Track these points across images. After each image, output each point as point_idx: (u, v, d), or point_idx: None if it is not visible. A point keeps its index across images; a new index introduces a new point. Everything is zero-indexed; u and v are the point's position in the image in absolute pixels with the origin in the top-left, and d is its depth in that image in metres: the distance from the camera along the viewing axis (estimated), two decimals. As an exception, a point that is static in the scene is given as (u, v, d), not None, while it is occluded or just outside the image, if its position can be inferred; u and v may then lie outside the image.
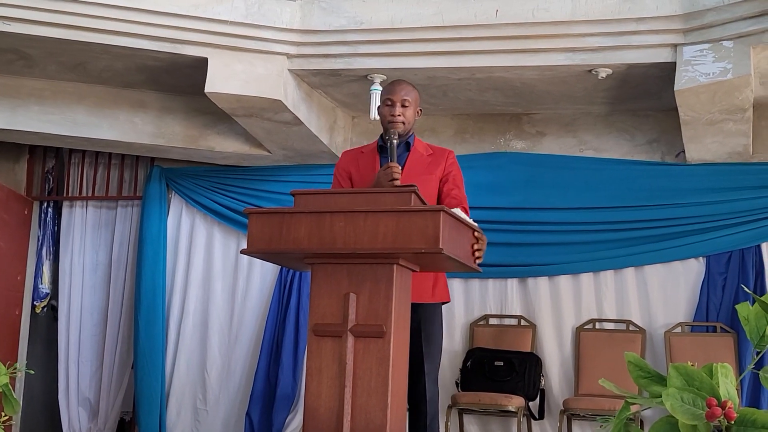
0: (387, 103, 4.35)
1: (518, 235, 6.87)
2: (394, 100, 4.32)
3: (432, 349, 4.20)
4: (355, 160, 4.45)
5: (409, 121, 4.35)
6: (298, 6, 5.96)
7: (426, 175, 4.30)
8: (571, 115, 7.00)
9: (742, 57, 5.30)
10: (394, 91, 4.36)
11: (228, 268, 7.53)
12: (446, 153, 4.45)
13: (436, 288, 4.27)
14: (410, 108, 4.35)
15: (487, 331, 6.92)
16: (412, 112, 4.36)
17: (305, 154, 7.16)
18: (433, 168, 4.35)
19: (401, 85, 4.41)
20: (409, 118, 4.35)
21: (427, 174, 4.31)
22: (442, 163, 4.38)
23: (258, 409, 7.11)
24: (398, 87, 4.38)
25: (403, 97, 4.32)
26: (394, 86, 4.41)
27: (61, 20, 5.76)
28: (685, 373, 2.36)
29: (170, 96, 7.04)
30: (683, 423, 2.29)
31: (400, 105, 4.31)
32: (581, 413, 6.34)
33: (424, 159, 4.37)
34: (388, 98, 4.35)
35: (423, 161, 4.36)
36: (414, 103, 4.38)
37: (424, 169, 4.32)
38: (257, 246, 3.70)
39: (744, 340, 6.26)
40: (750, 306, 2.59)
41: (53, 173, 8.09)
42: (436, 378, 4.22)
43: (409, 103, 4.34)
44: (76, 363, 7.71)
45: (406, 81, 4.57)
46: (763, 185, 6.52)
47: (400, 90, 4.36)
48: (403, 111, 4.32)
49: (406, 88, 4.39)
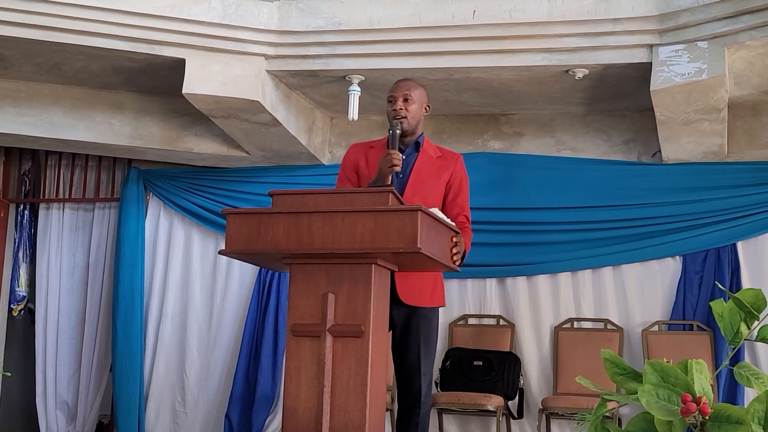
0: (390, 99, 4.32)
1: (496, 235, 6.89)
2: (396, 96, 4.29)
3: (429, 352, 4.22)
4: (364, 154, 4.40)
5: (414, 115, 4.29)
6: (275, 7, 5.96)
7: (434, 179, 4.28)
8: (549, 115, 7.04)
9: (717, 57, 5.34)
10: (397, 87, 4.34)
11: (206, 269, 7.52)
12: (455, 157, 4.41)
13: (435, 292, 4.27)
14: (414, 103, 4.29)
15: (466, 331, 6.94)
16: (416, 107, 4.30)
17: (283, 155, 7.15)
18: (442, 171, 4.31)
19: (403, 82, 4.38)
20: (413, 113, 4.29)
21: (435, 177, 4.28)
22: (451, 167, 4.34)
23: (237, 411, 7.09)
24: (400, 84, 4.36)
25: (405, 92, 4.29)
26: (397, 84, 4.38)
27: (36, 21, 5.73)
28: (661, 369, 2.38)
29: (147, 97, 7.02)
30: (659, 419, 2.31)
31: (402, 99, 4.27)
32: (560, 412, 6.37)
33: (434, 161, 4.33)
34: (391, 95, 4.32)
35: (432, 164, 4.32)
36: (418, 99, 4.32)
37: (434, 172, 4.30)
38: (235, 247, 3.69)
39: (720, 339, 6.30)
40: (724, 303, 2.62)
41: (29, 175, 8.04)
42: (431, 381, 4.25)
43: (412, 98, 4.29)
44: (54, 366, 7.67)
45: (411, 79, 4.54)
46: (739, 184, 6.57)
47: (402, 86, 4.33)
48: (405, 105, 4.27)
49: (408, 84, 4.36)
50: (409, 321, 4.16)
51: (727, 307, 2.58)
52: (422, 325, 4.19)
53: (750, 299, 2.53)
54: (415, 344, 4.15)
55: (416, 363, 4.15)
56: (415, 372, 4.15)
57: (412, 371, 4.15)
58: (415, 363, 4.15)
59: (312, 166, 7.32)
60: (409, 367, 4.15)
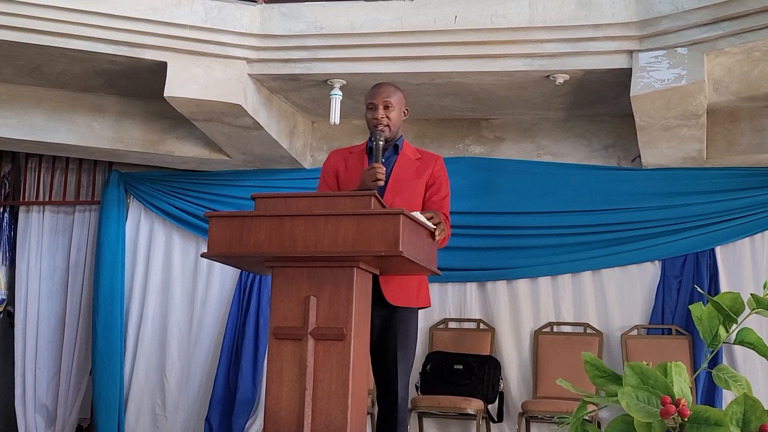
0: (369, 107, 4.32)
1: (477, 239, 6.92)
2: (376, 104, 4.30)
3: (407, 354, 4.21)
4: (343, 160, 4.42)
5: (394, 122, 4.31)
6: (257, 10, 5.96)
7: (414, 180, 4.30)
8: (529, 120, 7.07)
9: (696, 63, 5.39)
10: (375, 94, 4.33)
11: (187, 273, 7.50)
12: (435, 158, 4.43)
13: (420, 292, 4.27)
14: (394, 109, 4.31)
15: (446, 335, 6.96)
16: (396, 114, 4.32)
17: (265, 159, 7.16)
18: (421, 172, 4.33)
19: (382, 88, 4.37)
20: (394, 120, 4.31)
21: (415, 178, 4.30)
22: (430, 168, 4.36)
23: (217, 414, 7.08)
24: (379, 90, 4.35)
25: (385, 99, 4.30)
26: (375, 89, 4.38)
27: (17, 23, 5.71)
28: (640, 371, 2.40)
29: (129, 100, 7.00)
30: (638, 421, 2.33)
31: (383, 107, 4.29)
32: (540, 415, 6.40)
33: (413, 163, 4.35)
34: (370, 102, 4.32)
35: (411, 165, 4.34)
36: (398, 104, 4.34)
37: (413, 174, 4.31)
38: (217, 249, 3.70)
39: (699, 343, 6.35)
40: (703, 306, 2.64)
41: (9, 178, 8.00)
42: (407, 383, 4.24)
43: (392, 104, 4.30)
44: (33, 369, 7.63)
45: (388, 83, 4.53)
46: (717, 190, 6.63)
47: (381, 92, 4.33)
48: (386, 112, 4.28)
49: (388, 90, 4.36)
50: (387, 323, 4.15)
51: (706, 310, 2.61)
52: (400, 328, 4.19)
53: (728, 302, 2.56)
54: (392, 347, 4.15)
55: (393, 366, 4.14)
56: (392, 375, 4.14)
57: (389, 374, 4.14)
58: (393, 366, 4.14)
59: (293, 170, 7.32)
60: (386, 370, 4.15)
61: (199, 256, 5.90)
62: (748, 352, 6.13)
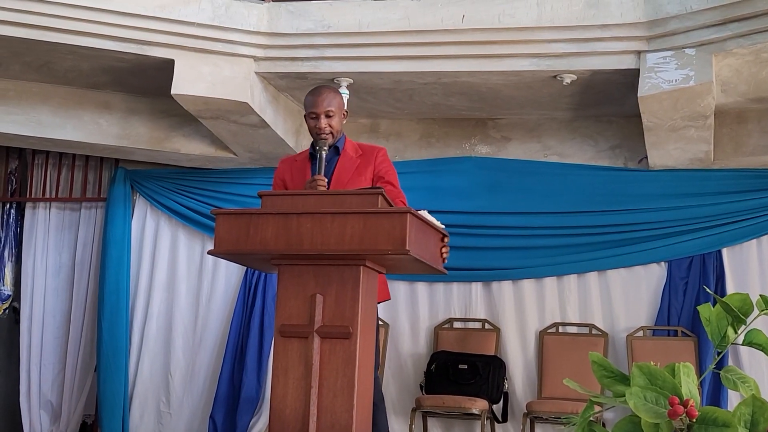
0: (311, 116, 4.34)
1: (483, 239, 6.91)
2: (318, 113, 4.32)
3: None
4: (289, 169, 4.50)
5: (337, 129, 4.36)
6: (265, 9, 5.96)
7: (356, 177, 4.33)
8: (536, 120, 7.06)
9: (705, 64, 5.38)
10: (316, 103, 4.33)
11: (192, 270, 7.51)
12: (375, 151, 4.46)
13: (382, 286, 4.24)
14: (335, 116, 4.34)
15: (451, 335, 6.95)
16: (337, 120, 4.36)
17: (271, 157, 7.15)
18: (363, 169, 4.36)
19: (322, 96, 4.36)
20: (336, 126, 4.35)
21: (357, 176, 4.33)
22: (371, 162, 4.39)
23: (222, 412, 7.08)
24: (319, 99, 4.35)
25: (326, 108, 4.32)
26: (315, 98, 4.36)
27: (26, 20, 5.72)
28: (648, 372, 2.40)
29: (136, 97, 7.01)
30: (646, 421, 2.32)
31: (325, 116, 4.31)
32: (544, 416, 6.39)
33: (354, 161, 4.38)
34: (312, 111, 4.34)
35: (352, 164, 4.37)
36: (338, 110, 4.37)
37: (354, 172, 4.35)
38: (224, 247, 3.69)
39: (704, 344, 6.35)
40: (711, 307, 2.64)
41: (16, 174, 8.01)
42: (380, 384, 4.20)
43: (333, 112, 4.33)
44: (38, 365, 7.64)
45: (326, 87, 4.53)
46: (724, 191, 6.61)
47: (321, 101, 4.33)
48: (329, 121, 4.32)
49: (328, 98, 4.36)
50: None
51: (715, 311, 2.60)
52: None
53: (737, 303, 2.56)
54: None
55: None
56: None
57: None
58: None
59: (299, 169, 7.30)
60: None
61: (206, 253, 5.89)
62: (753, 354, 6.13)
